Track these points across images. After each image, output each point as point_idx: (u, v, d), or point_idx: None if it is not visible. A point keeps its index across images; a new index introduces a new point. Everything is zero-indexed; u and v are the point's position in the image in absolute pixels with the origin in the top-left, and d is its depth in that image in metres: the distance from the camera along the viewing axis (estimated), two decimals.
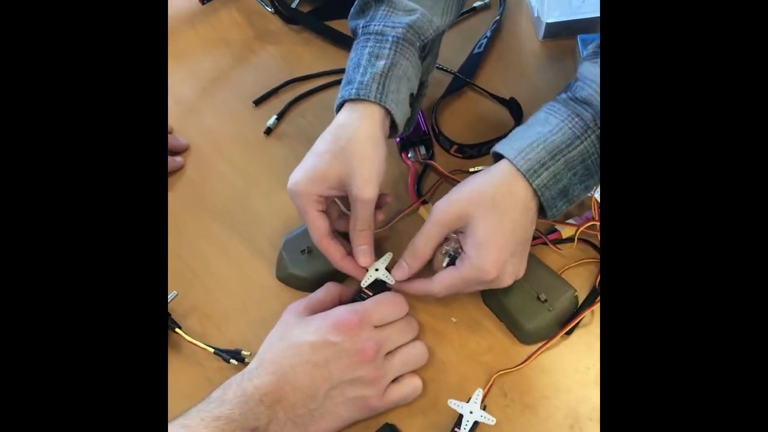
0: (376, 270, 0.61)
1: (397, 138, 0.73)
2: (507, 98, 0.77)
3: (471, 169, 0.71)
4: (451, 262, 0.58)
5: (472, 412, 0.54)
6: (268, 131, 0.78)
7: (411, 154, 0.73)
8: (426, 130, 0.75)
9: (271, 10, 0.90)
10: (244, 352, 0.59)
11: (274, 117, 0.78)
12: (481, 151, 0.73)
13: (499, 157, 0.57)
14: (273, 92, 0.81)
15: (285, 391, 0.51)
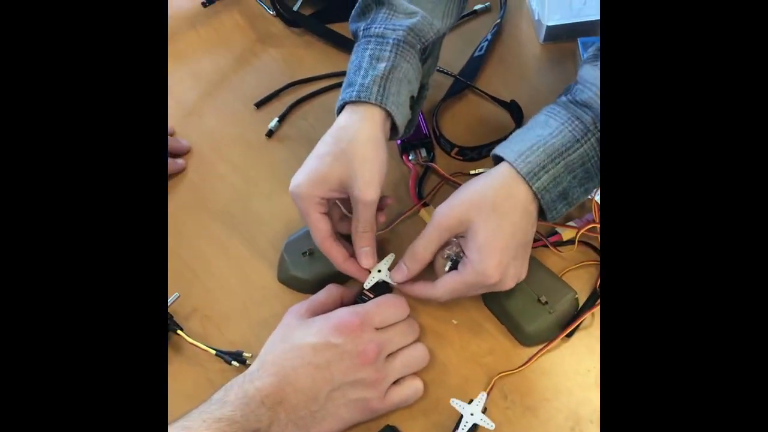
0: (379, 271, 0.61)
1: (398, 140, 0.74)
2: (508, 101, 0.77)
3: (472, 172, 0.71)
4: (453, 267, 0.58)
5: (473, 414, 0.54)
6: (270, 133, 0.78)
7: (412, 156, 0.73)
8: (427, 132, 0.75)
9: (272, 12, 0.90)
10: (245, 354, 0.59)
11: (276, 119, 0.79)
12: (481, 153, 0.73)
13: (499, 159, 0.57)
14: (274, 95, 0.82)
15: (286, 393, 0.51)
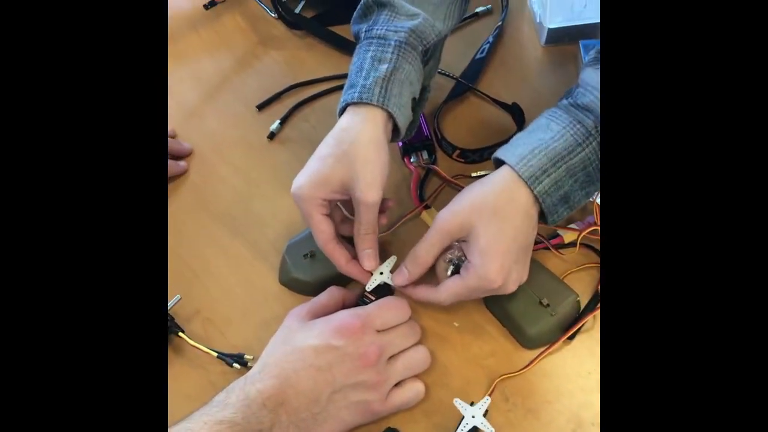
0: (381, 274, 0.61)
1: (400, 142, 0.74)
2: (509, 103, 0.78)
3: (473, 174, 0.72)
4: (454, 271, 0.58)
5: (474, 417, 0.54)
6: (272, 136, 0.78)
7: (413, 158, 0.73)
8: (428, 134, 0.75)
9: (274, 15, 0.90)
10: (246, 356, 0.59)
11: (278, 121, 0.79)
12: (483, 155, 0.73)
13: (501, 163, 0.57)
14: (276, 97, 0.82)
15: (288, 395, 0.51)
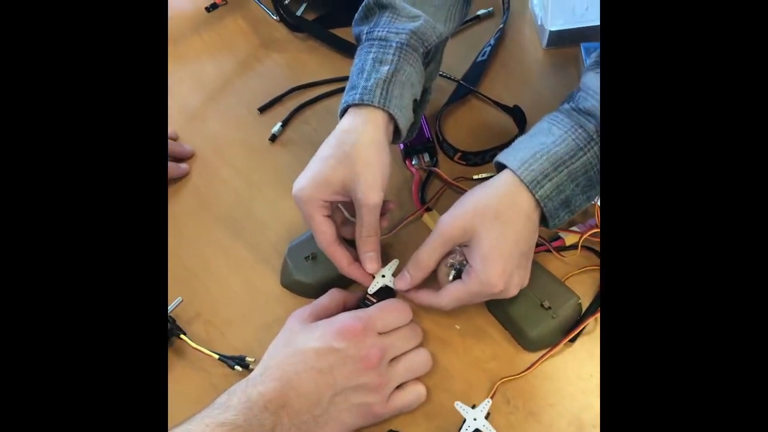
0: (383, 276, 0.61)
1: (401, 145, 0.74)
2: (511, 106, 0.78)
3: (475, 177, 0.72)
4: (456, 275, 0.58)
5: (475, 419, 0.54)
6: (273, 138, 0.78)
7: (415, 161, 0.73)
8: (430, 137, 0.75)
9: (276, 17, 0.91)
10: (248, 359, 0.59)
11: (279, 124, 0.79)
12: (484, 158, 0.73)
13: (502, 167, 0.57)
14: (278, 99, 0.82)
15: (289, 398, 0.51)
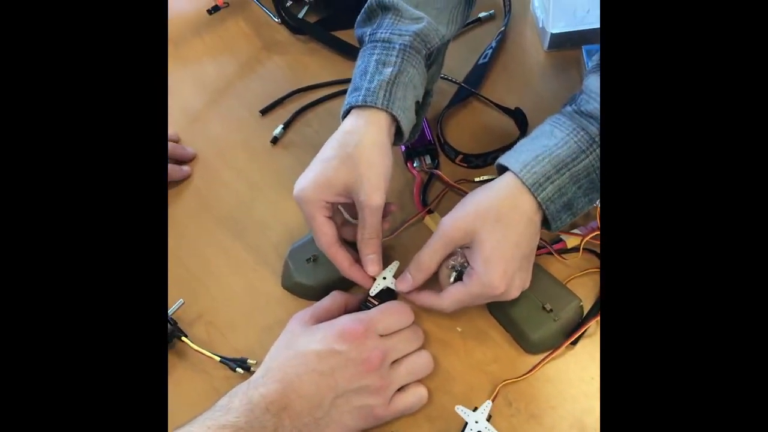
0: (384, 279, 0.61)
1: (403, 147, 0.74)
2: (512, 108, 0.78)
3: (476, 179, 0.72)
4: (458, 277, 0.58)
5: (477, 422, 0.54)
6: (275, 140, 0.78)
7: (416, 163, 0.73)
8: (431, 139, 0.75)
9: (277, 20, 0.91)
10: (249, 361, 0.59)
11: (281, 126, 0.79)
12: (486, 160, 0.73)
13: (504, 169, 0.57)
14: (279, 102, 0.82)
15: (291, 400, 0.51)
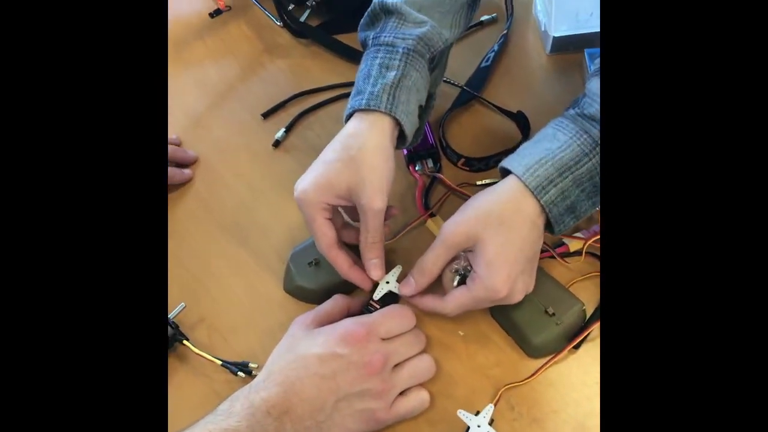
0: (387, 283, 0.61)
1: (405, 150, 0.74)
2: (514, 111, 0.78)
3: (478, 182, 0.71)
4: (461, 281, 0.58)
5: (479, 426, 0.54)
6: (276, 144, 0.78)
7: (418, 166, 0.73)
8: (433, 143, 0.75)
9: (279, 23, 0.91)
10: (251, 365, 0.59)
11: (283, 130, 0.79)
12: (488, 164, 0.73)
13: (507, 172, 0.57)
14: (281, 105, 0.82)
15: (292, 403, 0.51)
